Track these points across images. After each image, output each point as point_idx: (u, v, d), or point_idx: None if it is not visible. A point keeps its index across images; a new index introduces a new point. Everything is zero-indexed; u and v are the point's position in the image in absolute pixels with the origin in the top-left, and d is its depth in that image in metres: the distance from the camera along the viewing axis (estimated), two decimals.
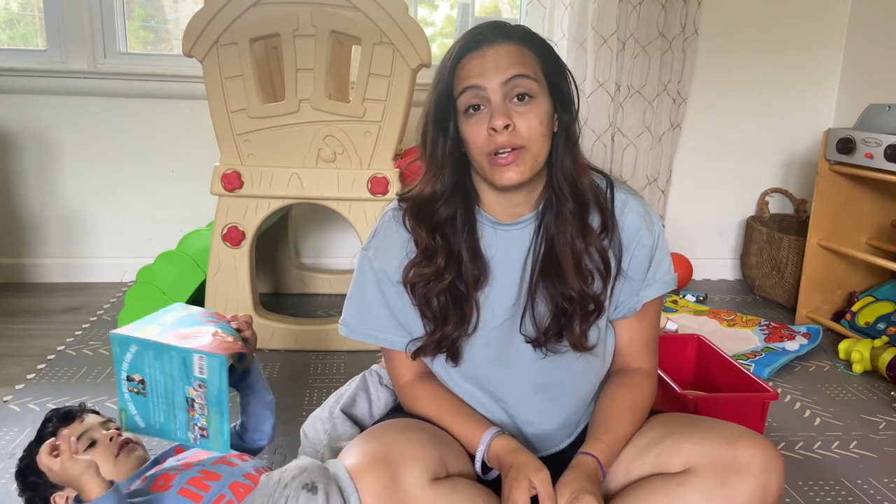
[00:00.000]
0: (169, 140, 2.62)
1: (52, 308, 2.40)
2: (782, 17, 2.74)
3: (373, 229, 1.09)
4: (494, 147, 0.94)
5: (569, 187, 1.00)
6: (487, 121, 0.94)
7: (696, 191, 2.88)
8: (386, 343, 1.08)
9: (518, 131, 0.93)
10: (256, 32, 1.89)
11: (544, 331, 1.02)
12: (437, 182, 1.00)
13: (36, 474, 1.12)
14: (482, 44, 0.95)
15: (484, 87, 0.93)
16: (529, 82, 0.94)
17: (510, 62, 0.93)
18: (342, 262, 2.80)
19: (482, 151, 0.95)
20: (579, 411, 1.10)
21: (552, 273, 1.01)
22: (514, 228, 1.04)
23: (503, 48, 0.94)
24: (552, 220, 1.01)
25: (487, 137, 0.94)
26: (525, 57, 0.95)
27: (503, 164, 0.94)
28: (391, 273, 1.05)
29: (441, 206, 1.01)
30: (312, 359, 2.02)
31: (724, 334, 2.22)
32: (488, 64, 0.93)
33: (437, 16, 2.90)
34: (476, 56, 0.95)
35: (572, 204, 1.00)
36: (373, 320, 1.08)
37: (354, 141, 1.97)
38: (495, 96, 0.93)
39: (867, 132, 2.09)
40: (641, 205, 1.06)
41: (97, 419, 1.20)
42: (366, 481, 0.87)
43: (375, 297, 1.07)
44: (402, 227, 1.05)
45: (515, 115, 0.93)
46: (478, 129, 0.95)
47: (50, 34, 2.52)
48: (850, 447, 1.62)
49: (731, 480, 0.89)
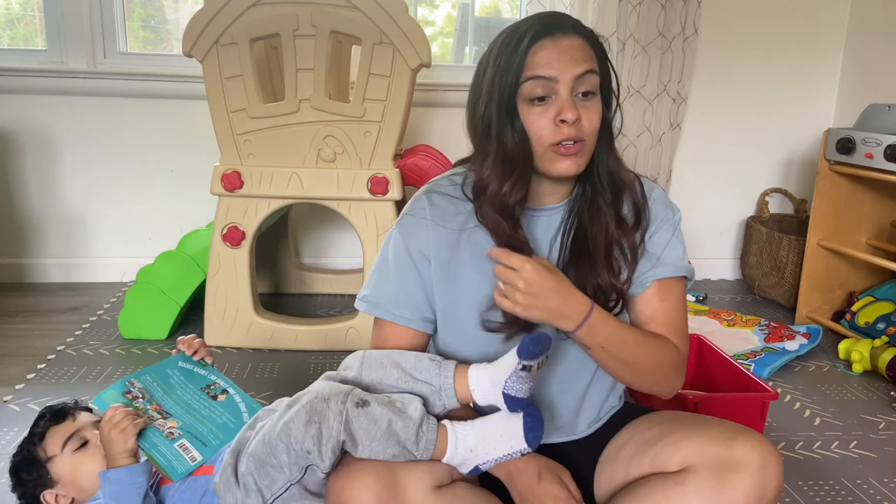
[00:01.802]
0: (169, 140, 2.62)
1: (52, 308, 2.40)
2: (782, 17, 2.74)
3: (404, 211, 1.08)
4: (560, 138, 0.94)
5: (609, 180, 1.02)
6: (554, 112, 0.93)
7: (696, 191, 2.88)
8: (399, 320, 1.06)
9: (582, 125, 0.94)
10: (256, 32, 1.89)
11: None
12: (512, 174, 0.96)
13: (28, 471, 1.13)
14: (556, 32, 0.94)
15: (556, 79, 0.93)
16: (596, 78, 0.95)
17: (583, 56, 0.94)
18: (342, 262, 2.80)
19: (544, 141, 0.95)
20: (591, 399, 1.10)
21: (581, 262, 1.01)
22: (542, 214, 1.04)
23: (576, 41, 0.94)
24: (585, 209, 1.02)
25: (553, 128, 0.94)
26: (589, 53, 0.95)
27: (565, 153, 0.95)
28: (419, 254, 1.04)
29: (512, 198, 0.98)
30: (312, 359, 2.03)
31: (724, 334, 2.22)
32: (564, 56, 0.93)
33: (437, 15, 2.90)
34: (550, 44, 0.93)
35: (610, 195, 1.01)
36: (389, 296, 1.06)
37: (354, 141, 1.97)
38: (564, 90, 0.93)
39: (867, 132, 2.09)
40: (664, 195, 1.09)
41: (90, 418, 1.20)
42: (368, 484, 0.87)
43: (398, 273, 1.06)
44: (440, 212, 1.03)
45: (581, 109, 0.94)
46: (542, 119, 0.94)
47: (50, 34, 2.52)
48: (850, 447, 1.62)
49: (729, 479, 0.89)
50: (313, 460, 0.90)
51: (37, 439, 1.15)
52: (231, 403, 1.18)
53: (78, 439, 1.15)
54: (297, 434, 0.89)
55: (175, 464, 1.06)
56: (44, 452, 1.14)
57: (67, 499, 1.13)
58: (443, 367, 0.99)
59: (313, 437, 0.89)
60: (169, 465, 1.05)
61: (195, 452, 1.08)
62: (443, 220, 1.04)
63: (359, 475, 0.88)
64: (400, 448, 0.90)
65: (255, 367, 1.95)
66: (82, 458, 1.13)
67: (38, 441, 1.15)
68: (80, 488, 1.12)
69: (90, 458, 1.13)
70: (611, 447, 1.05)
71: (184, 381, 1.20)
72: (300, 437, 0.89)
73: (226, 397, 1.19)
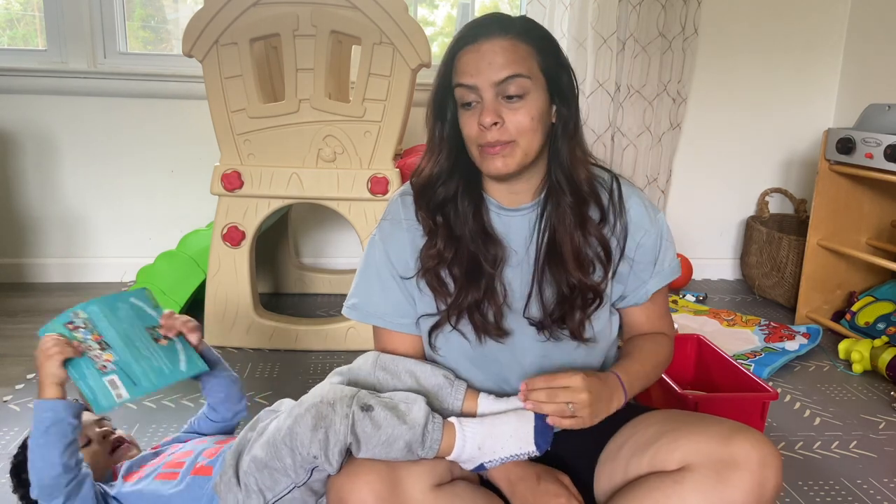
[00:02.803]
0: (169, 140, 2.62)
1: (52, 308, 2.39)
2: (782, 17, 2.74)
3: (383, 214, 1.11)
4: (482, 142, 0.96)
5: (565, 180, 1.01)
6: (479, 115, 0.95)
7: (696, 191, 2.88)
8: (392, 326, 1.09)
9: (506, 128, 0.95)
10: (256, 32, 1.89)
11: (549, 313, 1.03)
12: (435, 164, 1.04)
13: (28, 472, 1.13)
14: (479, 37, 0.95)
15: (476, 87, 0.95)
16: (522, 81, 0.94)
17: (505, 60, 0.94)
18: (342, 261, 2.80)
19: (473, 142, 0.98)
20: None
21: (555, 261, 1.02)
22: (517, 214, 1.05)
23: (499, 43, 0.94)
24: (553, 210, 1.03)
25: (478, 130, 0.96)
26: (520, 53, 0.95)
27: (491, 153, 0.97)
28: (398, 262, 1.07)
29: (440, 187, 1.04)
30: (312, 359, 2.03)
31: (724, 334, 2.22)
32: (483, 61, 0.94)
33: (437, 15, 2.90)
34: (471, 50, 0.95)
35: (570, 198, 1.01)
36: (379, 303, 1.09)
37: (354, 141, 1.97)
38: (487, 94, 0.95)
39: (867, 132, 2.09)
40: (643, 198, 1.09)
41: (91, 417, 1.20)
42: (368, 481, 0.87)
43: (381, 281, 1.08)
44: (409, 212, 1.07)
45: (505, 112, 0.95)
46: (471, 121, 0.97)
47: (50, 34, 2.52)
48: (850, 447, 1.62)
49: (728, 477, 0.89)
50: (320, 464, 0.90)
51: None
52: (171, 350, 1.15)
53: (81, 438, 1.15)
54: (302, 439, 0.89)
55: (100, 397, 1.05)
56: None
57: None
58: (455, 386, 1.01)
59: (320, 441, 0.89)
60: (94, 398, 1.05)
61: (122, 390, 1.07)
62: (415, 220, 1.06)
63: (360, 473, 0.88)
64: (405, 451, 0.91)
65: (255, 367, 1.95)
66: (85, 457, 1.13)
67: None
68: None
69: (93, 456, 1.13)
70: (610, 446, 1.05)
71: (131, 316, 1.16)
72: (306, 442, 0.89)
73: (167, 343, 1.15)
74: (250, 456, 0.96)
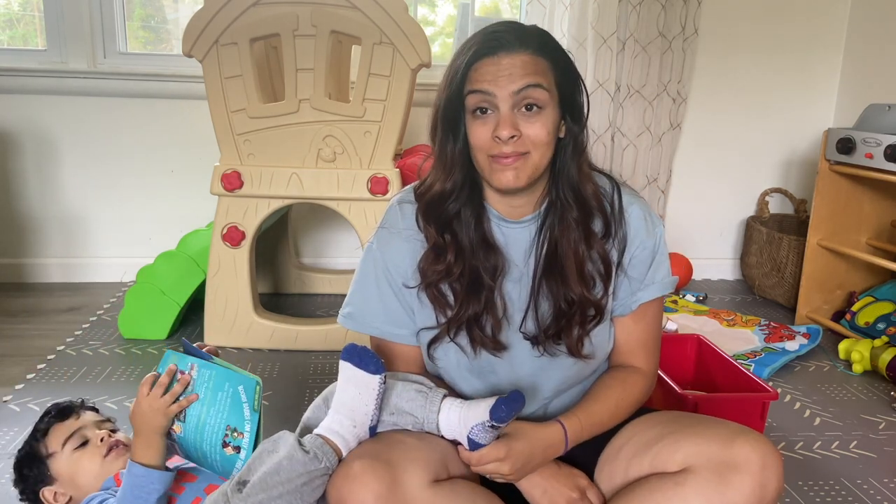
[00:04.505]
0: (169, 140, 2.62)
1: (52, 308, 2.40)
2: (782, 17, 2.74)
3: (379, 223, 1.09)
4: (496, 153, 0.95)
5: (573, 195, 1.01)
6: (493, 125, 0.94)
7: (696, 191, 2.88)
8: (389, 336, 1.09)
9: (522, 140, 0.94)
10: (256, 32, 1.89)
11: (544, 329, 1.03)
12: (448, 181, 1.01)
13: (29, 467, 1.13)
14: (498, 50, 0.94)
15: (494, 94, 0.93)
16: (540, 92, 0.94)
17: (524, 72, 0.93)
18: (342, 261, 2.80)
19: (484, 152, 0.96)
20: None
21: (555, 275, 1.02)
22: (518, 226, 1.04)
23: (518, 57, 0.93)
24: (556, 223, 1.02)
25: (491, 142, 0.94)
26: (539, 67, 0.94)
27: (503, 163, 0.95)
28: (396, 272, 1.06)
29: (451, 204, 1.02)
30: (312, 359, 2.02)
31: (724, 334, 2.22)
32: (502, 72, 0.93)
33: (437, 15, 2.90)
34: (490, 62, 0.94)
35: (576, 212, 1.01)
36: (377, 313, 1.08)
37: (354, 141, 1.97)
38: (504, 105, 0.93)
39: (867, 132, 2.09)
40: (644, 207, 1.07)
41: (94, 417, 1.20)
42: (366, 482, 0.87)
43: (379, 290, 1.08)
44: (408, 221, 1.05)
45: (522, 124, 0.94)
46: (483, 130, 0.95)
47: (50, 34, 2.51)
48: (850, 447, 1.62)
49: (729, 479, 0.89)
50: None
51: (40, 435, 1.15)
52: (228, 463, 1.04)
53: (78, 438, 1.14)
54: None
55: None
56: (45, 449, 1.14)
57: (65, 497, 1.12)
58: (429, 398, 0.97)
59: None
60: None
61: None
62: (415, 230, 1.05)
63: (357, 475, 0.88)
64: (306, 479, 0.88)
65: (255, 367, 1.95)
66: (81, 457, 1.13)
67: (40, 437, 1.15)
68: (78, 487, 1.12)
69: (88, 457, 1.13)
70: (610, 447, 1.05)
71: (226, 406, 1.05)
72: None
73: (232, 455, 1.03)
74: None
